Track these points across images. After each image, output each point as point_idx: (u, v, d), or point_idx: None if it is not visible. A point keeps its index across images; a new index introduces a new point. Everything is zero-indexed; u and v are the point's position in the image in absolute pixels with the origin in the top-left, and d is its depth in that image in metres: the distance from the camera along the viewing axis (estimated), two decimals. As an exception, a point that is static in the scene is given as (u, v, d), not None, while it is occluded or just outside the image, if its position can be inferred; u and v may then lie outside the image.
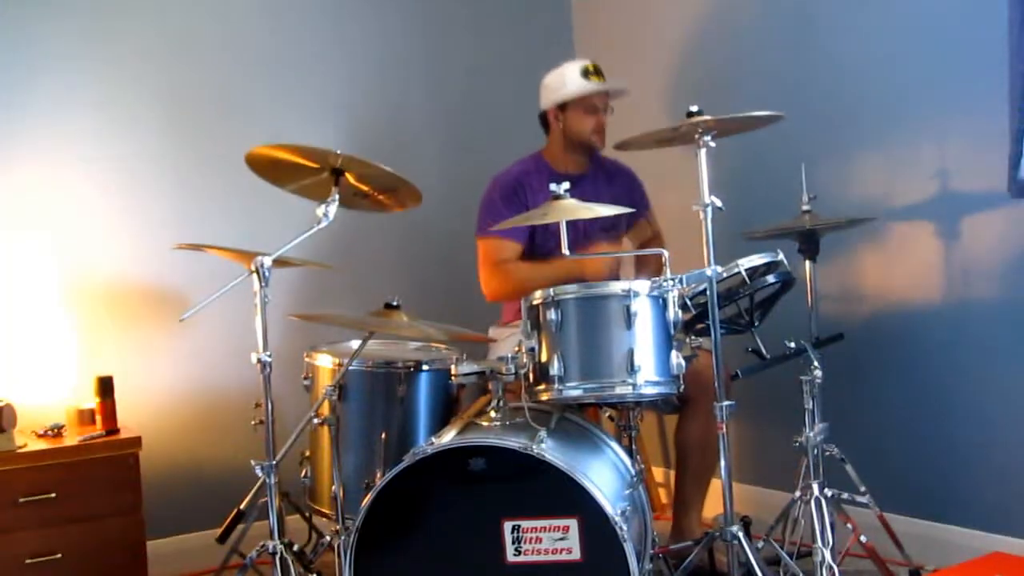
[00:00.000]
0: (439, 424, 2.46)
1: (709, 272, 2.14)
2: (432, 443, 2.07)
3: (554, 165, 2.98)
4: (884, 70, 2.74)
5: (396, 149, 3.54)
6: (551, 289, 2.18)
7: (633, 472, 2.32)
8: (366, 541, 2.07)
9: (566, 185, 2.29)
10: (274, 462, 2.26)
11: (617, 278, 2.71)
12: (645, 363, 2.12)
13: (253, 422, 2.42)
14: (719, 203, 2.15)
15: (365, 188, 2.45)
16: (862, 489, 2.44)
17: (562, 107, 2.92)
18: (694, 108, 2.21)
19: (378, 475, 2.33)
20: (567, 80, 2.90)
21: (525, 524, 2.02)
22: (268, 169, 2.46)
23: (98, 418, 2.83)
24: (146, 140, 3.14)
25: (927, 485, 2.70)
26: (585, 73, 2.88)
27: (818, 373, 2.35)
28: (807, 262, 2.54)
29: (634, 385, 2.12)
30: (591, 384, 2.15)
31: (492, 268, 2.87)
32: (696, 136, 2.20)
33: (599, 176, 2.99)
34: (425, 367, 2.51)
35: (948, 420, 2.64)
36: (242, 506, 2.58)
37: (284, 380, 2.51)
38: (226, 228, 3.14)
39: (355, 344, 2.49)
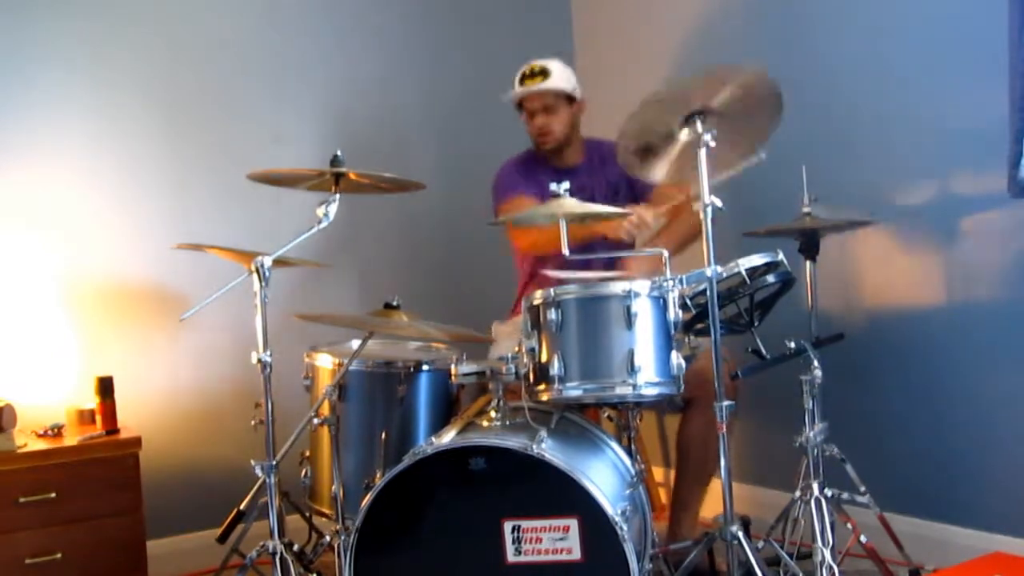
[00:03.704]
0: (439, 424, 2.46)
1: (709, 272, 2.13)
2: (432, 443, 2.08)
3: (546, 159, 3.01)
4: (884, 70, 2.74)
5: (395, 149, 3.55)
6: (551, 289, 2.19)
7: (633, 472, 2.32)
8: (366, 541, 2.07)
9: (565, 185, 2.30)
10: (274, 462, 2.26)
11: (629, 243, 2.70)
12: (645, 363, 2.12)
13: (253, 422, 2.42)
14: (719, 203, 2.15)
15: (367, 181, 2.46)
16: (862, 489, 2.44)
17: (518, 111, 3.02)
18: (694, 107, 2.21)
19: (378, 475, 2.33)
20: (513, 85, 2.96)
21: (525, 524, 2.02)
22: (269, 179, 2.51)
23: (98, 418, 2.83)
24: (146, 140, 3.14)
25: (927, 485, 2.70)
26: (521, 78, 2.94)
27: (818, 373, 2.34)
28: (807, 262, 2.54)
29: (634, 385, 2.12)
30: (591, 384, 2.15)
31: (524, 247, 2.93)
32: (696, 136, 2.20)
33: (594, 162, 3.01)
34: (425, 367, 2.51)
35: (948, 420, 2.64)
36: (242, 506, 2.58)
37: (284, 380, 2.51)
38: (226, 228, 3.14)
39: (355, 344, 2.49)
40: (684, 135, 2.23)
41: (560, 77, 2.92)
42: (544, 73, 2.91)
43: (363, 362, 2.49)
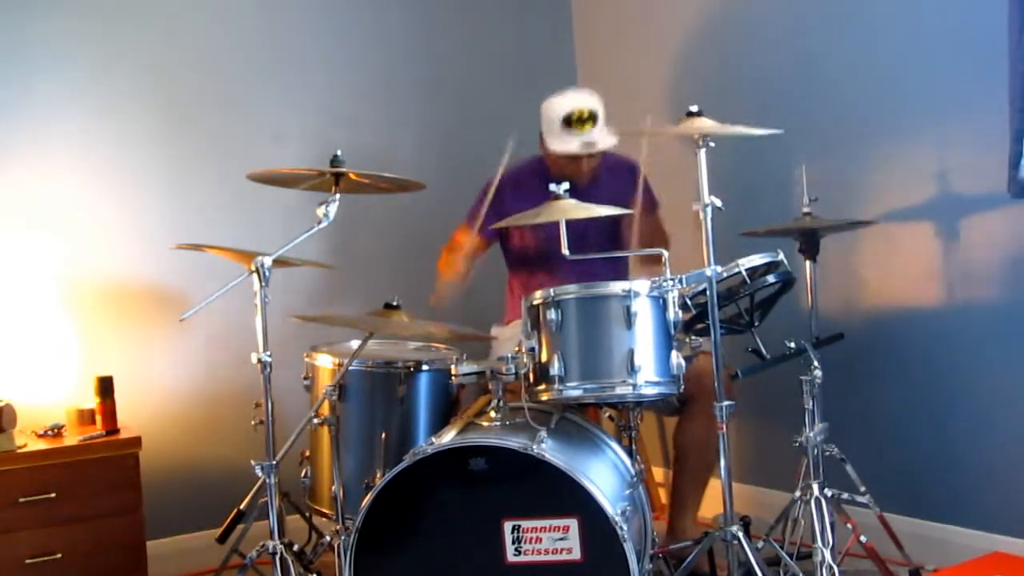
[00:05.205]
0: (439, 424, 2.46)
1: (709, 272, 2.14)
2: (432, 443, 2.07)
3: (552, 169, 2.97)
4: (884, 70, 2.74)
5: (396, 148, 3.55)
6: (551, 289, 2.19)
7: (633, 472, 2.32)
8: (366, 541, 2.07)
9: (565, 185, 2.30)
10: (274, 462, 2.26)
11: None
12: (645, 363, 2.12)
13: (253, 422, 2.42)
14: (719, 203, 2.15)
15: (367, 181, 2.46)
16: (862, 489, 2.44)
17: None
18: (694, 108, 2.21)
19: (378, 475, 2.33)
20: (552, 125, 2.78)
21: (525, 524, 2.02)
22: (269, 179, 2.51)
23: (98, 418, 2.83)
24: (146, 140, 3.14)
25: (927, 485, 2.70)
26: (567, 122, 2.74)
27: (818, 373, 2.34)
28: (807, 262, 2.55)
29: (634, 385, 2.12)
30: (591, 384, 2.15)
31: (443, 248, 3.02)
32: (695, 137, 2.20)
33: (601, 178, 2.97)
34: (425, 367, 2.50)
35: (948, 420, 2.64)
36: (242, 506, 2.58)
37: (284, 380, 2.51)
38: (226, 228, 3.15)
39: (355, 344, 2.49)
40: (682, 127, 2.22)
41: (603, 118, 2.76)
42: (593, 118, 2.74)
43: (363, 362, 2.49)
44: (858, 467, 2.46)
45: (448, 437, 2.11)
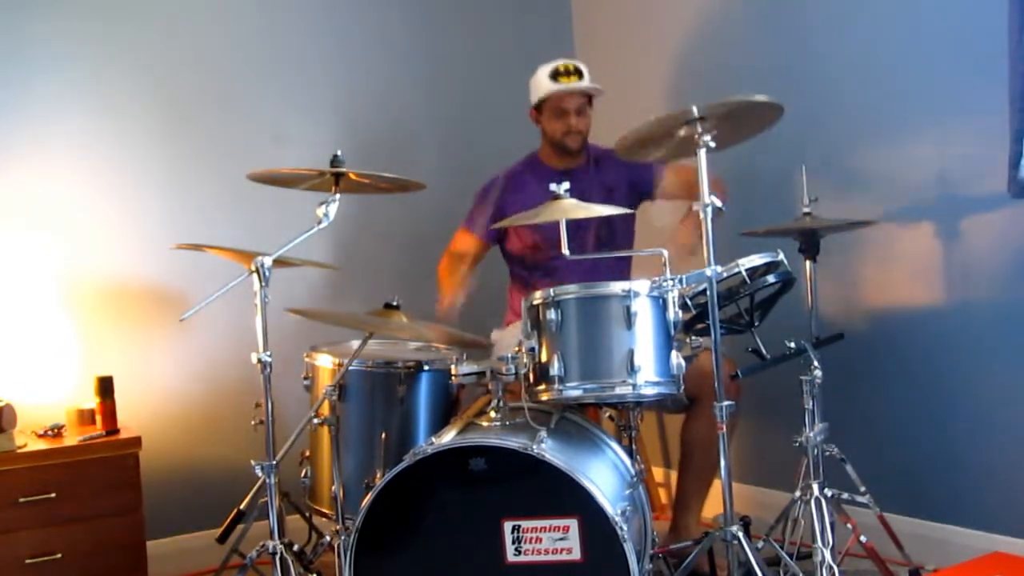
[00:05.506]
0: (439, 424, 2.46)
1: (709, 272, 2.13)
2: (432, 443, 2.07)
3: (547, 162, 3.00)
4: (884, 70, 2.74)
5: (396, 148, 3.55)
6: (551, 289, 2.18)
7: (633, 472, 2.32)
8: (366, 541, 2.07)
9: (565, 185, 2.30)
10: (274, 462, 2.26)
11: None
12: (645, 363, 2.12)
13: (253, 422, 2.42)
14: (719, 203, 2.15)
15: (367, 181, 2.46)
16: (862, 489, 2.44)
17: (538, 108, 2.96)
18: (694, 109, 2.21)
19: (378, 475, 2.34)
20: (539, 81, 2.92)
21: (525, 524, 2.02)
22: (269, 179, 2.52)
23: (98, 418, 2.83)
24: (146, 140, 3.14)
25: (927, 485, 2.70)
26: (555, 75, 2.89)
27: (818, 373, 2.34)
28: (807, 262, 2.54)
29: (634, 385, 2.11)
30: (591, 384, 2.15)
31: (444, 253, 3.05)
32: (696, 136, 2.20)
33: (589, 167, 2.99)
34: (425, 367, 2.50)
35: (948, 420, 2.64)
36: (242, 506, 2.58)
37: (284, 380, 2.51)
38: (226, 228, 3.15)
39: (355, 344, 2.49)
40: (683, 132, 2.22)
41: (589, 77, 2.91)
42: (579, 72, 2.89)
43: (363, 362, 2.49)
44: (858, 467, 2.46)
45: (448, 437, 2.11)
